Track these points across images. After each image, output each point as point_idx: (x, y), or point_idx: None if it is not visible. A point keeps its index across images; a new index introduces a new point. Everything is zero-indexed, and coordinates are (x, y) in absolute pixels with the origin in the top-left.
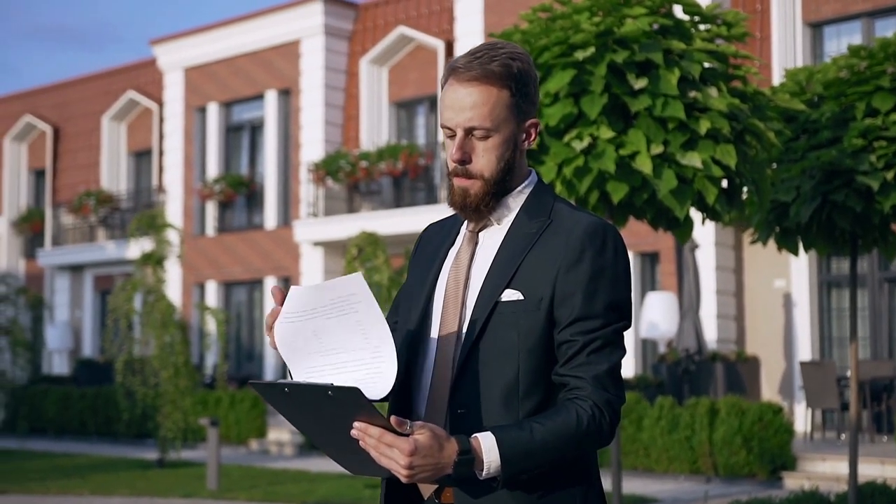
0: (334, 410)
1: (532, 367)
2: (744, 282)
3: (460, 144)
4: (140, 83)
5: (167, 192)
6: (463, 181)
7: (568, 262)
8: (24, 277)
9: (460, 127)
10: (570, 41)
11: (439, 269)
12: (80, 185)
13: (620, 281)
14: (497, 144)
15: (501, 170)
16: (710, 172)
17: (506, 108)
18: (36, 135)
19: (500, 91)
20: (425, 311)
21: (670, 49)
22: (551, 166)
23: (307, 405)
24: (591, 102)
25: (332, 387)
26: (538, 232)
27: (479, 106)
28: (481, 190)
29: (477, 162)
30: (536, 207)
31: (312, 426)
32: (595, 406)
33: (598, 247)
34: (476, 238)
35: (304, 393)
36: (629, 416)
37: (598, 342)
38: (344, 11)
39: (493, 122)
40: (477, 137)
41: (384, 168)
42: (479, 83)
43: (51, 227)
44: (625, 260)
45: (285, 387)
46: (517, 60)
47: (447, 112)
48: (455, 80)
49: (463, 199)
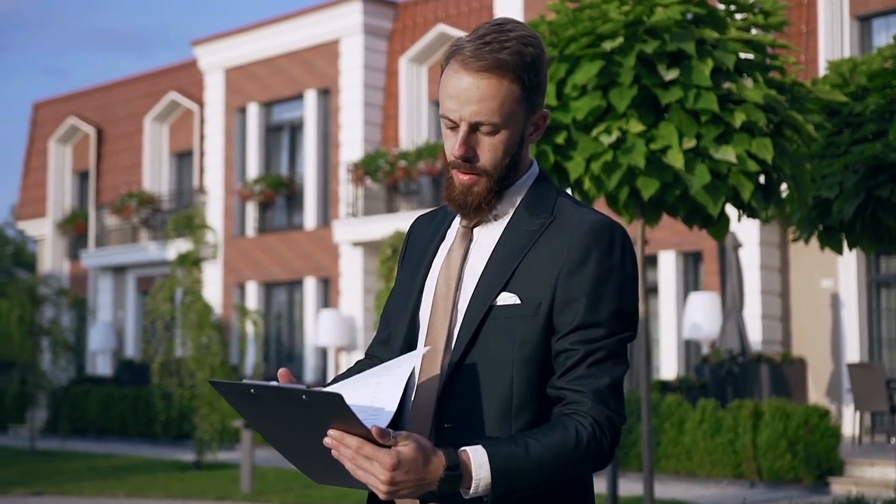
0: (307, 417)
1: (527, 379)
2: (790, 281)
3: (465, 139)
4: (182, 84)
5: (208, 192)
6: (466, 177)
7: (571, 264)
8: (68, 278)
9: (465, 121)
10: (598, 31)
11: (429, 267)
12: (123, 187)
13: (627, 287)
14: (504, 140)
15: (507, 166)
16: (745, 167)
17: (516, 101)
18: (80, 137)
19: (510, 84)
20: (413, 314)
21: (703, 39)
22: (579, 161)
23: (275, 410)
24: (620, 95)
25: (307, 391)
26: (539, 230)
27: (487, 100)
28: (485, 187)
29: (482, 157)
30: (538, 202)
31: (278, 432)
32: (595, 423)
33: (605, 248)
34: (470, 234)
35: (274, 396)
36: (671, 418)
37: (600, 353)
38: (383, 10)
39: (501, 118)
40: (483, 133)
41: (423, 167)
42: (488, 74)
43: (94, 228)
44: (633, 264)
45: (251, 388)
46: (529, 46)
47: (450, 102)
48: (461, 67)
49: (464, 197)
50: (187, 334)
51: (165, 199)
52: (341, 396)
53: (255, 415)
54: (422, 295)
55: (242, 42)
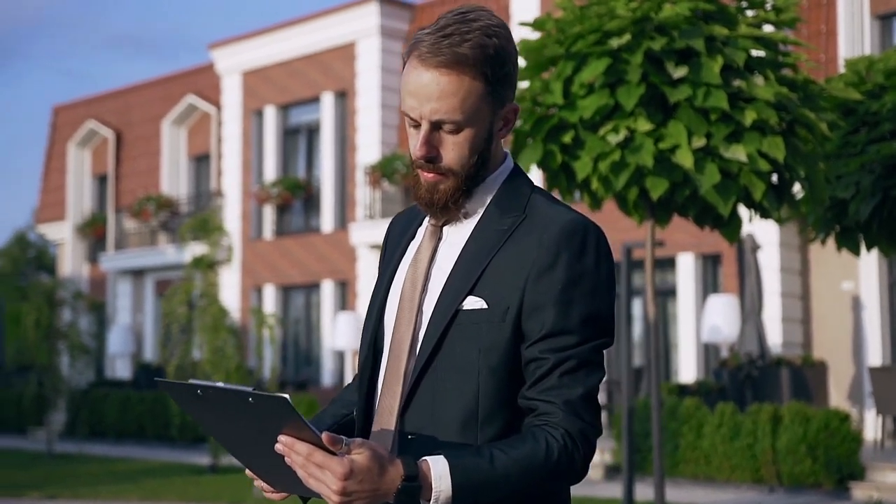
0: (256, 420)
1: (494, 388)
2: (810, 284)
3: (426, 138)
4: (199, 87)
5: (225, 195)
6: (430, 175)
7: (540, 266)
8: (87, 282)
9: (426, 119)
10: (606, 28)
11: (397, 268)
12: (141, 190)
13: (601, 290)
14: (469, 138)
15: (474, 164)
16: (756, 166)
17: (479, 97)
18: (99, 140)
19: (472, 79)
20: (379, 318)
21: (713, 35)
22: (586, 161)
23: (224, 412)
24: (628, 93)
25: (253, 393)
26: (510, 229)
27: (447, 97)
28: (451, 186)
29: (446, 156)
30: (510, 200)
31: (230, 435)
32: (567, 435)
33: (576, 250)
34: (439, 233)
35: (221, 398)
36: (689, 422)
37: (571, 362)
38: (400, 12)
39: (464, 115)
40: (446, 131)
41: None
42: (447, 70)
43: (113, 231)
44: (608, 266)
45: (198, 388)
46: (493, 37)
47: (410, 99)
48: (419, 62)
49: (430, 196)
50: (202, 338)
51: (183, 202)
52: (287, 399)
53: (206, 417)
54: (388, 297)
55: (259, 45)
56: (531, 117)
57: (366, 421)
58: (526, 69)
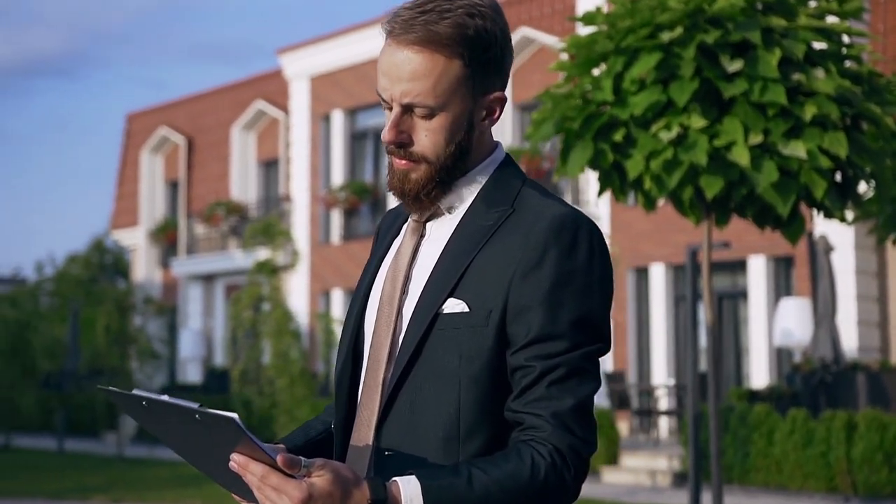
0: (206, 437)
1: (476, 399)
2: (888, 286)
3: (395, 122)
4: (268, 93)
5: (293, 200)
6: (402, 162)
7: (525, 264)
8: (160, 287)
9: (396, 101)
10: (657, 21)
11: (379, 266)
12: (212, 195)
13: (594, 291)
14: (444, 125)
15: (451, 154)
16: (817, 164)
17: (456, 81)
18: (171, 146)
19: (448, 60)
20: (359, 321)
21: (770, 27)
22: (638, 159)
23: (174, 426)
24: (681, 88)
25: (199, 410)
26: (495, 225)
27: (419, 78)
28: (424, 176)
29: (418, 143)
30: (497, 193)
31: (185, 447)
32: (556, 452)
33: (566, 245)
34: (422, 229)
35: (168, 411)
36: (759, 428)
37: (560, 370)
38: None
39: (437, 100)
40: (418, 115)
41: None
42: (419, 48)
43: (185, 237)
44: (602, 264)
45: (143, 400)
46: (477, 17)
47: (382, 79)
48: (392, 38)
49: (402, 185)
50: (267, 342)
51: (253, 207)
52: (235, 419)
53: (157, 429)
54: (368, 298)
55: (326, 49)
56: (580, 115)
57: (345, 435)
58: (575, 65)
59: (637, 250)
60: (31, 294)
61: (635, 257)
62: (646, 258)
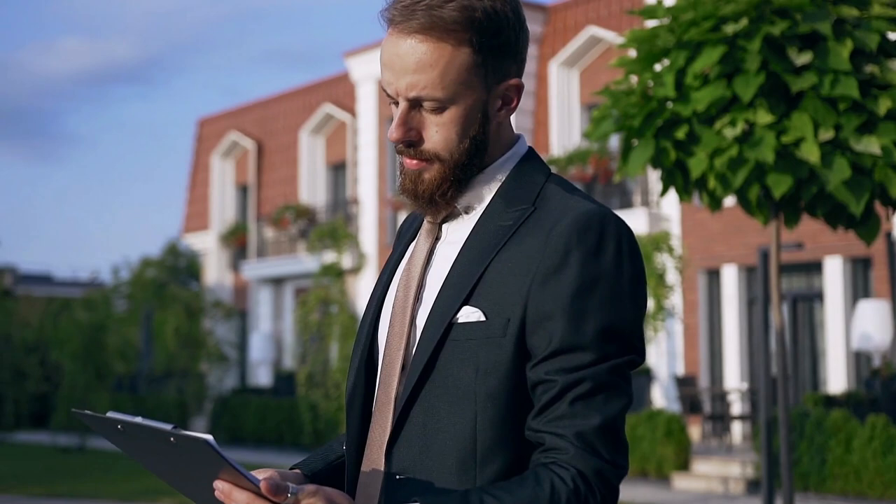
0: (184, 459)
1: (495, 418)
2: None
3: (403, 119)
4: (336, 96)
5: (361, 203)
6: (413, 162)
7: (546, 268)
8: (231, 290)
9: (402, 96)
10: (721, 14)
11: (394, 272)
12: (281, 199)
13: (624, 296)
14: (456, 118)
15: (466, 150)
16: (892, 160)
17: (466, 69)
18: (241, 151)
19: (455, 48)
20: (372, 330)
21: (842, 17)
22: (702, 157)
23: (150, 449)
24: (746, 83)
25: (174, 433)
26: (514, 225)
27: (425, 68)
28: (438, 175)
29: (429, 140)
30: (518, 190)
31: (165, 470)
32: (579, 476)
33: (591, 247)
34: (437, 231)
35: (143, 434)
36: (837, 435)
37: (585, 385)
38: (533, 14)
39: (446, 91)
40: (427, 110)
41: (574, 173)
42: (423, 36)
43: (254, 240)
44: (633, 266)
45: (118, 423)
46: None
47: (386, 72)
48: (394, 28)
49: (414, 186)
50: (334, 345)
51: (321, 210)
52: (208, 441)
53: (135, 452)
54: (382, 306)
55: None
56: (641, 112)
57: (357, 456)
58: (636, 61)
59: (708, 251)
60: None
61: (707, 259)
62: (717, 259)
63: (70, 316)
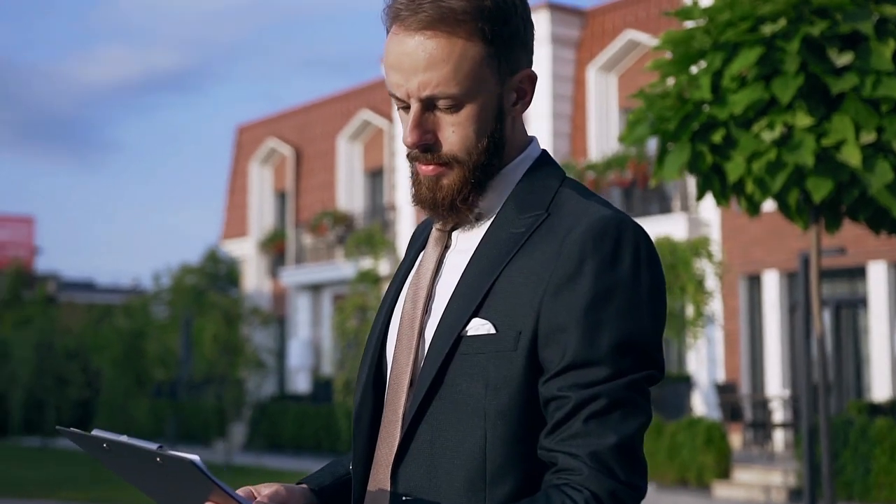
0: (171, 479)
1: (506, 436)
2: None
3: (417, 121)
4: (373, 102)
5: (398, 209)
6: (430, 167)
7: (559, 278)
8: (270, 297)
9: (414, 97)
10: (758, 14)
11: (405, 280)
12: (319, 205)
13: (642, 307)
14: (473, 116)
15: (485, 149)
16: None
17: (479, 62)
18: (279, 158)
19: (466, 40)
20: (380, 343)
21: (884, 16)
22: (739, 161)
23: (138, 467)
24: (784, 84)
25: (160, 453)
26: (527, 231)
27: (437, 64)
28: (458, 179)
29: (446, 142)
30: (531, 195)
31: (151, 488)
32: (593, 499)
33: (607, 255)
34: (447, 239)
35: (129, 453)
36: (882, 444)
37: (600, 402)
38: (570, 19)
39: (461, 87)
40: (442, 109)
41: (612, 178)
42: (432, 31)
43: (293, 247)
44: (651, 274)
45: (104, 442)
46: None
47: (393, 74)
48: (398, 25)
49: (433, 194)
50: None
51: (359, 216)
52: (194, 462)
53: (124, 471)
54: (391, 318)
55: None
56: (677, 115)
57: (364, 475)
58: (672, 63)
59: (749, 257)
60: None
61: (747, 264)
62: (758, 265)
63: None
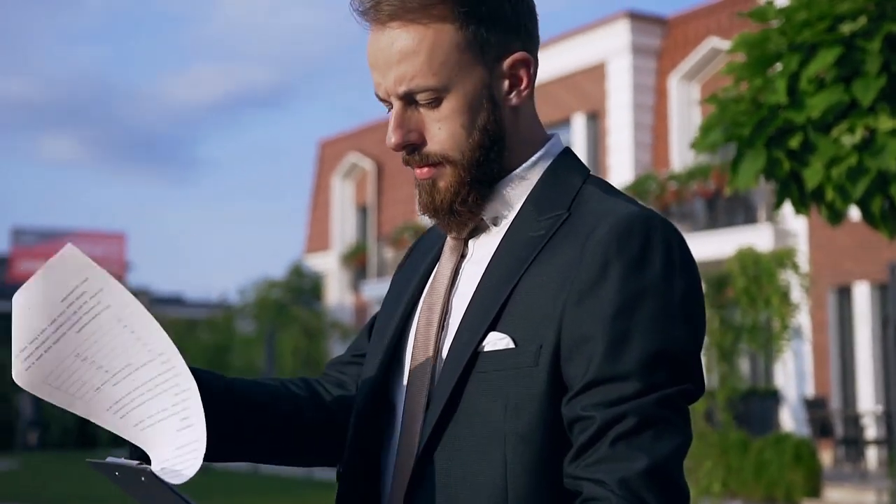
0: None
1: (528, 463)
2: None
3: (399, 120)
4: None
5: None
6: (423, 170)
7: (582, 284)
8: (352, 311)
9: (393, 94)
10: (837, 12)
11: (417, 293)
12: (400, 219)
13: (674, 315)
14: (457, 108)
15: (478, 144)
16: None
17: (455, 48)
18: (360, 172)
19: (440, 25)
20: (391, 359)
21: None
22: (818, 168)
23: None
24: (866, 86)
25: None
26: (547, 234)
27: (409, 56)
28: (453, 180)
29: (433, 140)
30: (552, 194)
31: None
32: None
33: (634, 256)
34: (462, 248)
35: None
36: None
37: (629, 421)
38: (651, 28)
39: (438, 78)
40: (423, 104)
41: (695, 189)
42: (400, 21)
43: (374, 260)
44: (686, 278)
45: (115, 470)
46: None
47: (373, 74)
48: (370, 21)
49: (431, 199)
50: None
51: None
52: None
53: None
54: (407, 332)
55: None
56: (752, 120)
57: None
58: (746, 66)
59: (839, 268)
60: (227, 318)
61: (837, 276)
62: (848, 276)
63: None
